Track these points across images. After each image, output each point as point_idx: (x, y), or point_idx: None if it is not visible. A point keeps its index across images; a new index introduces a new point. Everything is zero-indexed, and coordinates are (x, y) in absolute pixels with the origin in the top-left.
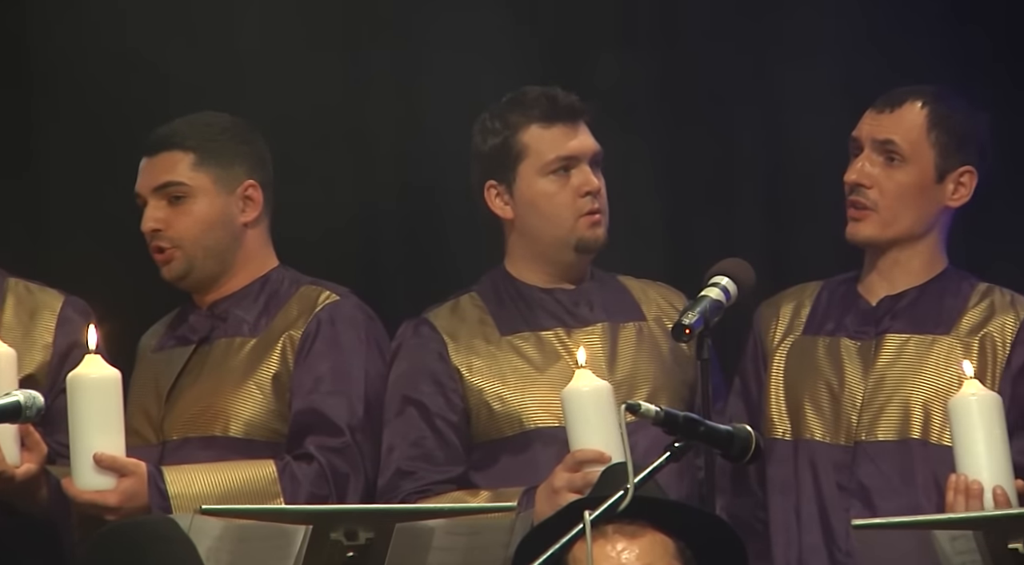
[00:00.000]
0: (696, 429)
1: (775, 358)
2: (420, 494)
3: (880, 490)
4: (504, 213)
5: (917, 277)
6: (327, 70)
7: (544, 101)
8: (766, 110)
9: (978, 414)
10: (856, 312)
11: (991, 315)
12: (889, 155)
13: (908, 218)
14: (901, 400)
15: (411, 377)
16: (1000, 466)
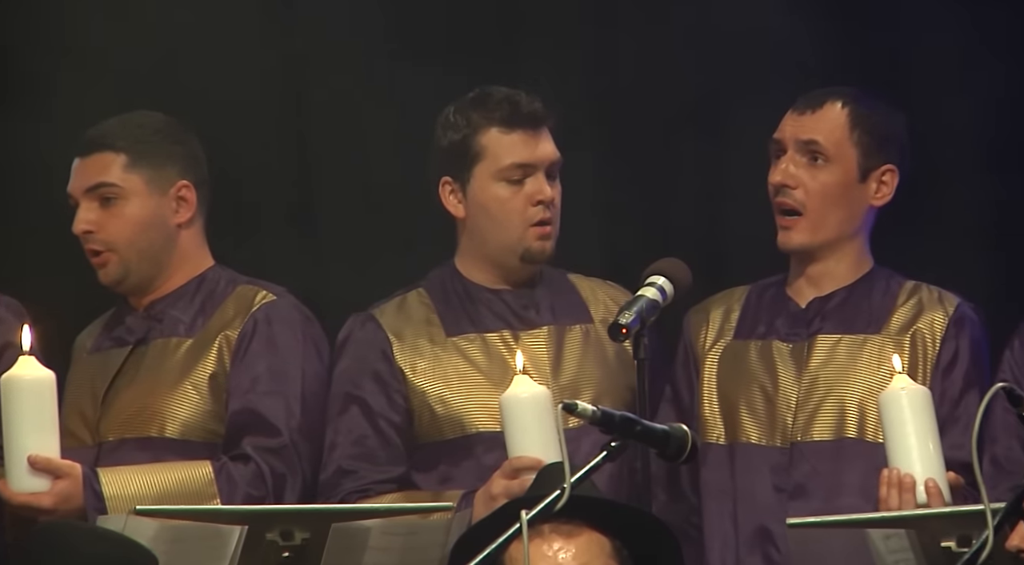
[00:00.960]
0: (632, 428)
1: (707, 363)
2: (361, 493)
3: (818, 490)
4: (456, 211)
5: (844, 278)
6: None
7: (507, 105)
8: (704, 110)
9: (908, 408)
10: (787, 315)
11: (920, 312)
12: (813, 155)
13: (835, 219)
14: (835, 400)
15: (355, 375)
16: (931, 459)
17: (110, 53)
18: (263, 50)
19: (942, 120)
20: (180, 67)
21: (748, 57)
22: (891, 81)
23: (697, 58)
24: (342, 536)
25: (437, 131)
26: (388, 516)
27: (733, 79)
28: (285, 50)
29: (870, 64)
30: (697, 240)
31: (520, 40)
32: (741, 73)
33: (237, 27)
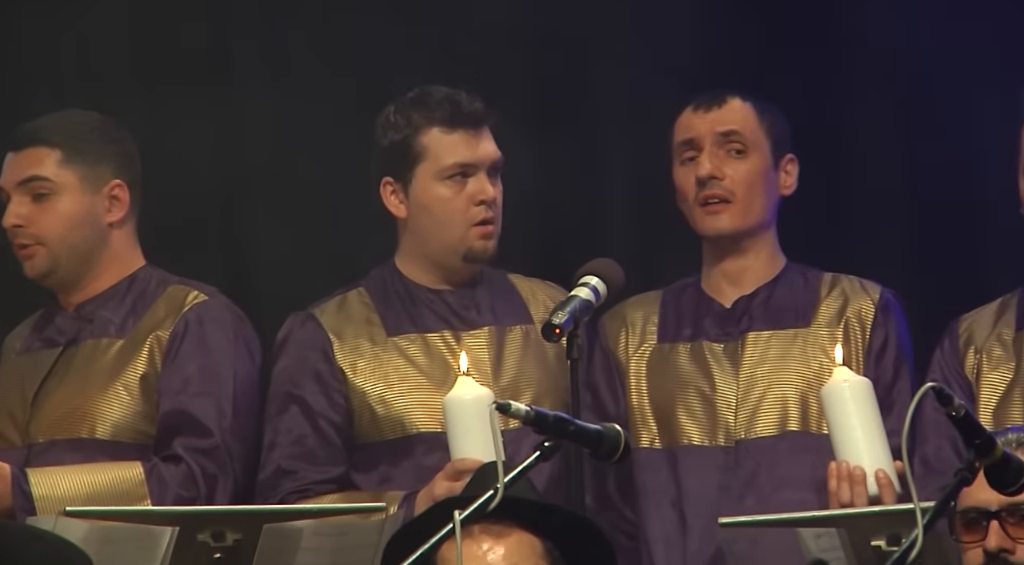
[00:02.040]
0: (566, 428)
1: (632, 368)
2: (300, 493)
3: (766, 486)
4: (398, 211)
5: (763, 275)
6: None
7: (448, 105)
8: (632, 112)
9: (852, 400)
10: (713, 315)
11: (846, 302)
12: (733, 146)
13: (759, 206)
14: (775, 395)
15: (295, 374)
16: (879, 450)
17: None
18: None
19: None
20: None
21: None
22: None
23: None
24: (274, 537)
25: (377, 131)
26: (320, 517)
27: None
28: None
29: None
30: (630, 240)
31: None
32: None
33: (164, 13)
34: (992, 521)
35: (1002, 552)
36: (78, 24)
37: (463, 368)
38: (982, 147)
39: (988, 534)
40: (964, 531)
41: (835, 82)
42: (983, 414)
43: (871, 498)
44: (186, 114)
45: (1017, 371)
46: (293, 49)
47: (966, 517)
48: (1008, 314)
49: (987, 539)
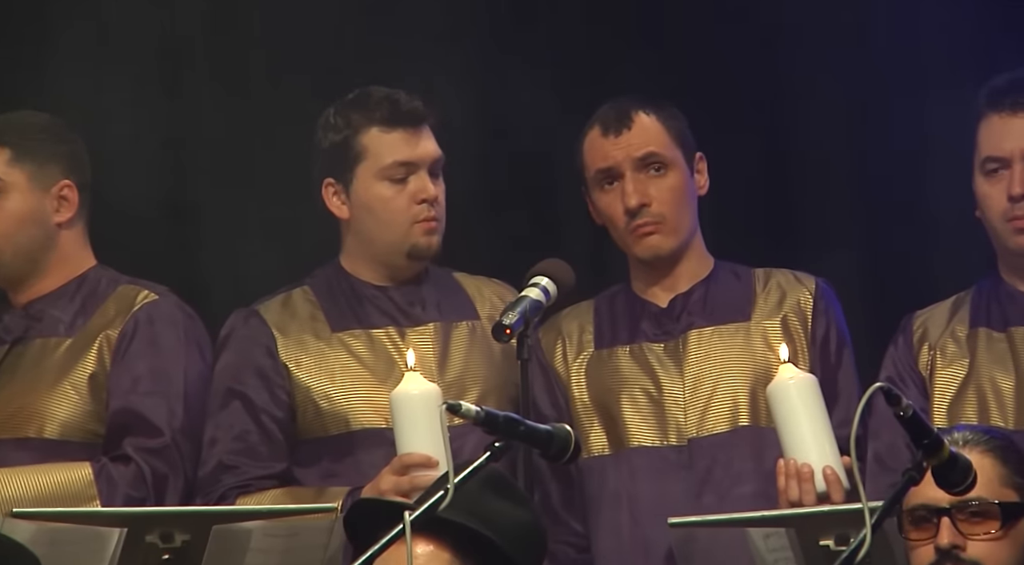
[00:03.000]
0: (516, 429)
1: (573, 377)
2: (241, 489)
3: (721, 482)
4: (340, 212)
5: (695, 274)
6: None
7: (387, 104)
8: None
9: (798, 397)
10: (649, 316)
11: (783, 295)
12: (653, 167)
13: (687, 217)
14: (724, 391)
15: (237, 370)
16: (826, 446)
17: None
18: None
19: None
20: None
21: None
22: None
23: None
24: (223, 538)
25: (318, 133)
26: (271, 517)
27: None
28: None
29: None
30: (582, 240)
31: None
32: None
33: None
34: (943, 518)
35: (954, 548)
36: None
37: (410, 363)
38: (935, 147)
39: (939, 531)
40: (913, 529)
41: (785, 81)
42: (937, 411)
43: (819, 495)
44: (135, 109)
45: (971, 368)
46: (246, 44)
47: (915, 515)
48: (962, 311)
49: (939, 536)
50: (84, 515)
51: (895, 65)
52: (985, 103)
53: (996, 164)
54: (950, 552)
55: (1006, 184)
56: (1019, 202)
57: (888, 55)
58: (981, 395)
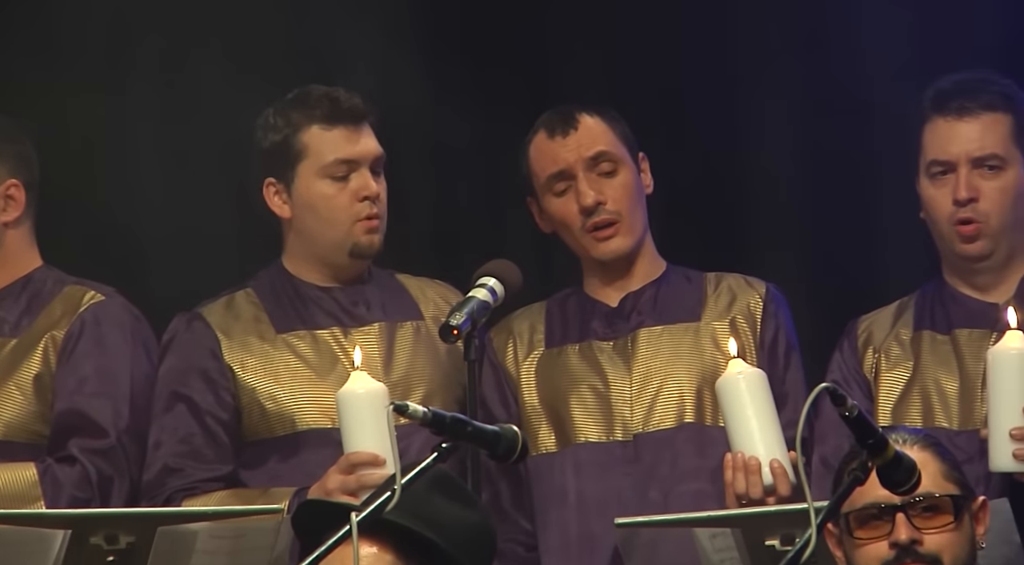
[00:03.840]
0: (463, 430)
1: (523, 376)
2: (187, 491)
3: (666, 478)
4: (282, 212)
5: (647, 274)
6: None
7: (327, 102)
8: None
9: (747, 392)
10: (600, 315)
11: (734, 298)
12: (603, 167)
13: (640, 216)
14: (671, 389)
15: (181, 373)
16: (773, 440)
17: None
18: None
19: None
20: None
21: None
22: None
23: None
24: (168, 539)
25: (257, 133)
26: (216, 518)
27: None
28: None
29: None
30: (529, 241)
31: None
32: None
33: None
34: (898, 514)
35: (913, 543)
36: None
37: (357, 362)
38: (878, 148)
39: (895, 528)
40: (861, 528)
41: (730, 83)
42: (882, 413)
43: (766, 487)
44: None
45: (915, 370)
46: (189, 39)
47: (865, 513)
48: (906, 315)
49: (896, 532)
50: (28, 517)
51: (841, 68)
52: (931, 106)
53: (942, 167)
54: (910, 547)
55: (952, 187)
56: (965, 206)
57: (834, 59)
58: (926, 397)
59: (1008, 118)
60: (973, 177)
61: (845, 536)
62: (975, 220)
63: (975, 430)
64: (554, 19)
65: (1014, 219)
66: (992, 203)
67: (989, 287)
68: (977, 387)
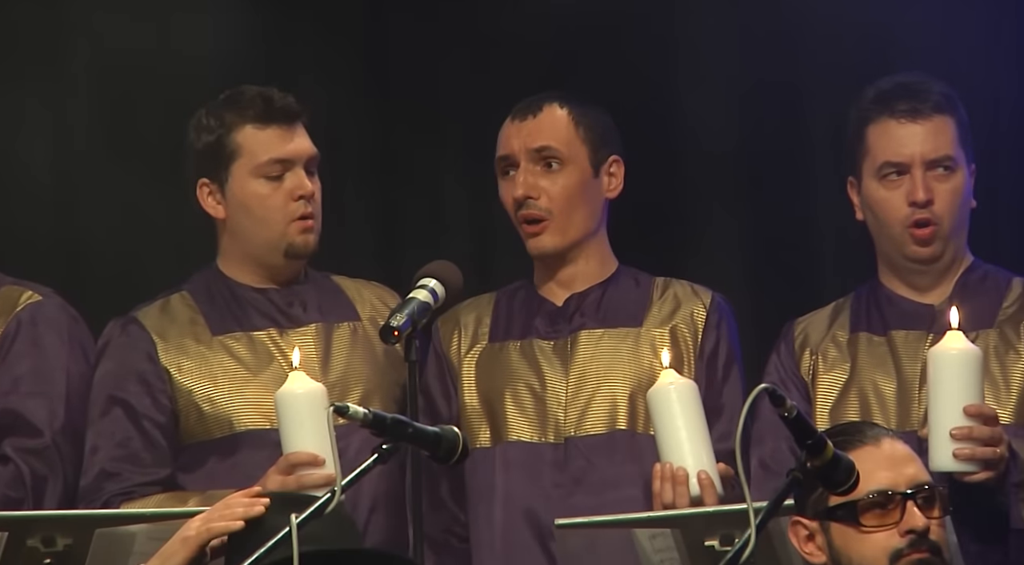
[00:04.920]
0: (404, 431)
1: (464, 368)
2: (124, 495)
3: (594, 484)
4: (216, 212)
5: (595, 276)
6: None
7: (260, 102)
8: (474, 113)
9: (677, 402)
10: (544, 313)
11: (677, 306)
12: (547, 161)
13: (580, 218)
14: (605, 394)
15: (118, 377)
16: (702, 452)
17: None
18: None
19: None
20: None
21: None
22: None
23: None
24: (106, 541)
25: (190, 135)
26: (154, 521)
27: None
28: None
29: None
30: (468, 242)
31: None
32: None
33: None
34: (908, 502)
35: (927, 531)
36: None
37: (295, 363)
38: (817, 149)
39: (907, 514)
40: (871, 514)
41: (673, 83)
42: (819, 415)
43: (693, 499)
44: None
45: (852, 372)
46: (126, 41)
47: (874, 501)
48: (842, 317)
49: (908, 519)
50: None
51: (776, 70)
52: (877, 107)
53: (895, 169)
54: (924, 534)
55: (905, 189)
56: (923, 208)
57: (769, 60)
58: (863, 398)
59: (953, 120)
60: (927, 179)
61: (842, 528)
62: (931, 222)
63: (912, 431)
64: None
65: (960, 221)
66: (946, 205)
67: (926, 289)
68: (914, 388)
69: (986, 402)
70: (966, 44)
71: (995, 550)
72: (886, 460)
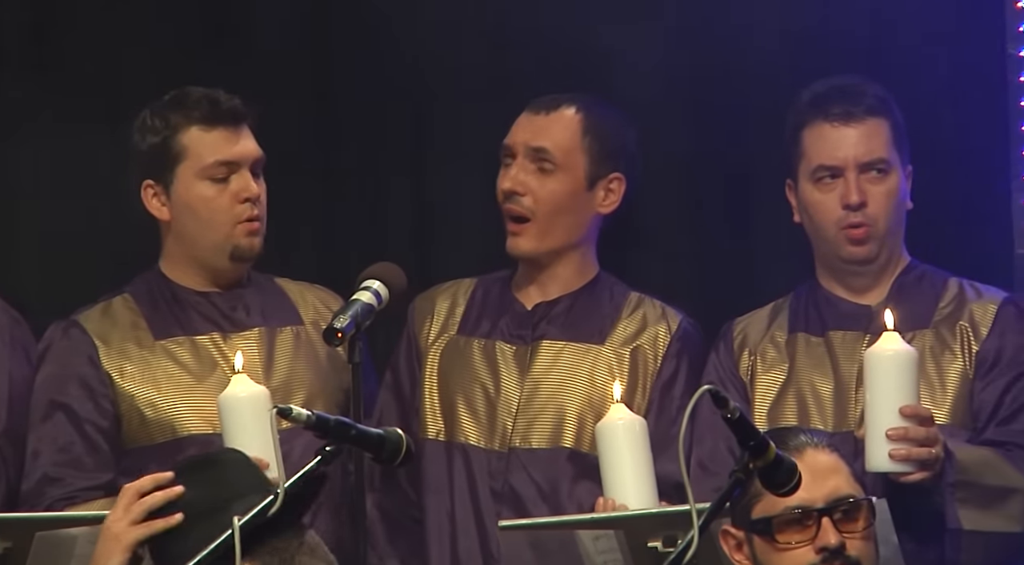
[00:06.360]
0: (347, 433)
1: (429, 356)
2: (67, 501)
3: (532, 498)
4: (160, 214)
5: (570, 283)
6: None
7: (206, 103)
8: (419, 110)
9: (624, 439)
10: (512, 315)
11: (643, 327)
12: (542, 163)
13: (563, 226)
14: (555, 408)
15: (59, 381)
16: (645, 489)
17: None
18: None
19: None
20: None
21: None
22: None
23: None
24: (47, 545)
25: (135, 136)
26: (94, 524)
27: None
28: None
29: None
30: (412, 243)
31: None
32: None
33: None
34: (823, 518)
35: (841, 547)
36: None
37: (238, 366)
38: (755, 150)
39: (822, 532)
40: (787, 532)
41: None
42: (758, 415)
43: None
44: None
45: (790, 372)
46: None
47: (789, 517)
48: (781, 317)
49: (824, 536)
50: None
51: (719, 71)
52: (812, 110)
53: (829, 172)
54: (838, 551)
55: (839, 192)
56: (856, 210)
57: (712, 59)
58: (801, 399)
59: (888, 122)
60: (861, 182)
61: (763, 541)
62: (864, 224)
63: (849, 431)
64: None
65: (895, 222)
66: (879, 207)
67: (864, 290)
68: (851, 389)
69: (922, 403)
70: (903, 44)
71: (931, 549)
72: (806, 474)
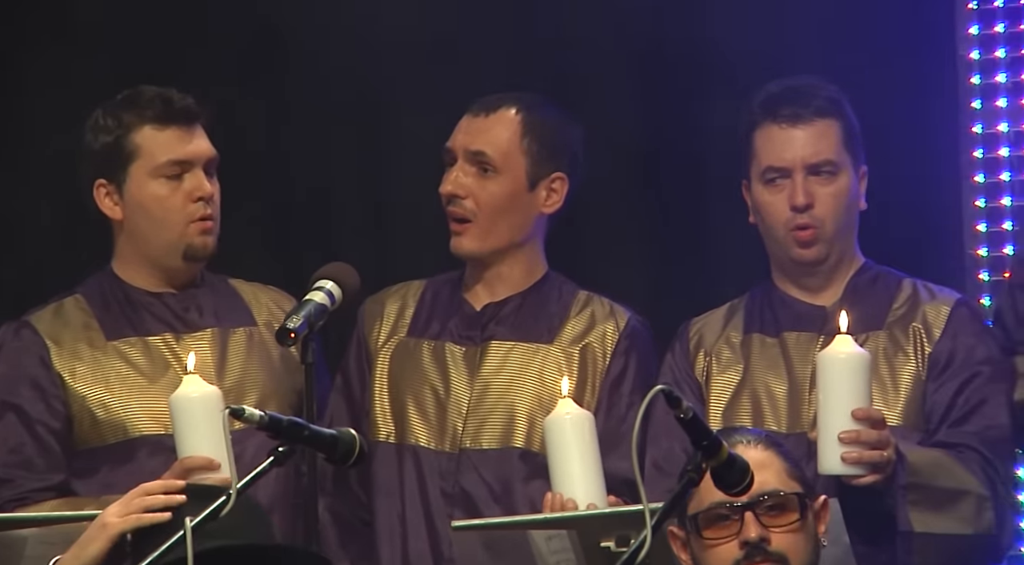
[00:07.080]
0: (300, 433)
1: (379, 359)
2: (18, 502)
3: (483, 498)
4: (113, 214)
5: (519, 283)
6: None
7: (159, 102)
8: (377, 114)
9: (572, 433)
10: (461, 316)
11: (592, 325)
12: (482, 166)
13: (505, 227)
14: (505, 408)
15: (10, 382)
16: (593, 484)
17: None
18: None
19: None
20: None
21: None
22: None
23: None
24: None
25: (87, 135)
26: (45, 525)
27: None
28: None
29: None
30: (366, 243)
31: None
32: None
33: None
34: (746, 513)
35: (762, 541)
36: None
37: (190, 367)
38: (712, 150)
39: (744, 526)
40: (711, 528)
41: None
42: (713, 415)
43: None
44: None
45: (745, 373)
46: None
47: (713, 514)
48: (736, 318)
49: (745, 530)
50: None
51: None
52: (762, 112)
53: (777, 173)
54: (759, 545)
55: (788, 193)
56: (803, 212)
57: (668, 61)
58: (755, 400)
59: (838, 124)
60: (809, 183)
61: (694, 538)
62: (811, 226)
63: (803, 432)
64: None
65: (846, 223)
66: (827, 208)
67: (817, 290)
68: (805, 390)
69: (875, 404)
70: (856, 45)
71: (883, 551)
72: None
